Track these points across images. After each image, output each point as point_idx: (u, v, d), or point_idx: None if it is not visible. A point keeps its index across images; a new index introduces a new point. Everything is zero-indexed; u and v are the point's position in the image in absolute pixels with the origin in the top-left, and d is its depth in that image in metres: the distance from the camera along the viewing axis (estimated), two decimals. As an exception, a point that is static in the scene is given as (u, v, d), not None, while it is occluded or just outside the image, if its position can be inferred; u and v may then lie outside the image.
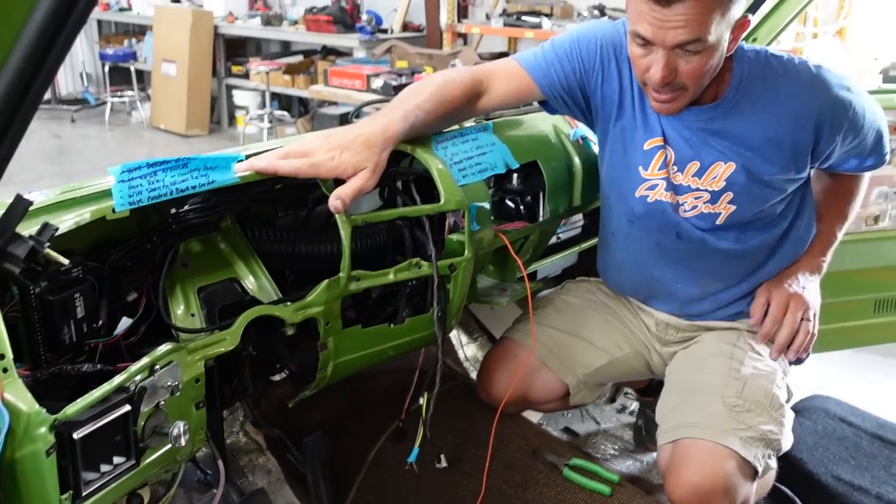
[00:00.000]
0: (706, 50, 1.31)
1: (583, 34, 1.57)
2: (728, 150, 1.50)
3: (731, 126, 1.49)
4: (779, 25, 2.10)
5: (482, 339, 2.24)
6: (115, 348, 1.18)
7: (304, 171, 1.24)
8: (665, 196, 1.57)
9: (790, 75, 1.46)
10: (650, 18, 1.28)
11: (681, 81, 1.36)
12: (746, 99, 1.47)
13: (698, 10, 1.25)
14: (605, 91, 1.56)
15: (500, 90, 1.55)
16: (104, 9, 8.31)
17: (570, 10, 5.72)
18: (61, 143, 7.09)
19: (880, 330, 2.45)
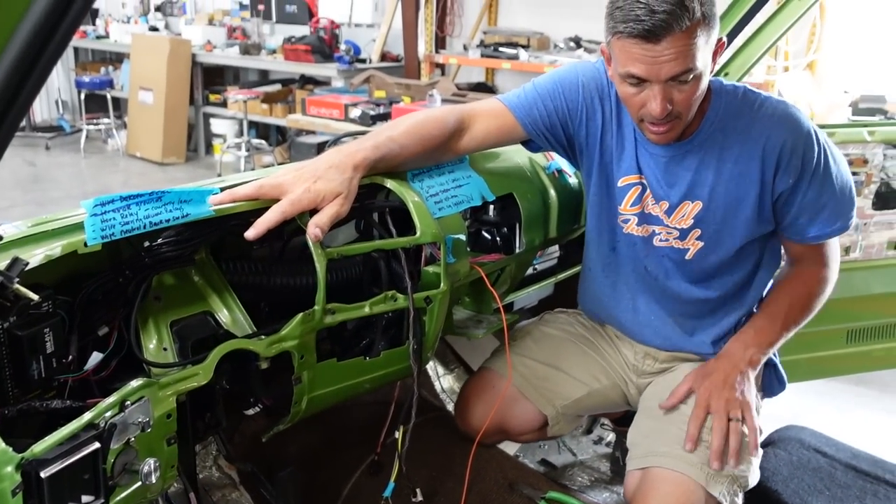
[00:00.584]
0: (696, 77, 1.34)
1: (564, 75, 1.60)
2: (697, 188, 1.51)
3: (703, 161, 1.50)
4: (750, 59, 2.14)
5: (459, 371, 2.23)
6: (85, 383, 1.16)
7: (289, 213, 1.24)
8: (636, 230, 1.59)
9: (764, 111, 1.47)
10: (642, 57, 1.31)
11: (676, 111, 1.38)
12: (721, 134, 1.49)
13: (686, 42, 1.29)
14: (588, 129, 1.58)
15: (482, 129, 1.56)
16: (81, 36, 8.28)
17: (547, 41, 5.80)
18: (35, 171, 7.02)
19: (853, 360, 2.48)
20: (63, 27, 0.67)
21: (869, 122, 2.53)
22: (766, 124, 1.46)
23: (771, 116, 1.47)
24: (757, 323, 1.61)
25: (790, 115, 1.47)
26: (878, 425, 3.10)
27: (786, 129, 1.45)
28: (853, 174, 2.25)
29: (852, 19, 4.60)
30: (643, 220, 1.58)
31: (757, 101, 1.49)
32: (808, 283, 1.61)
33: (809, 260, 1.61)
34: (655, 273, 1.62)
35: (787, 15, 2.09)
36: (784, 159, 1.45)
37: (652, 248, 1.60)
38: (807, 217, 1.52)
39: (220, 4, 7.98)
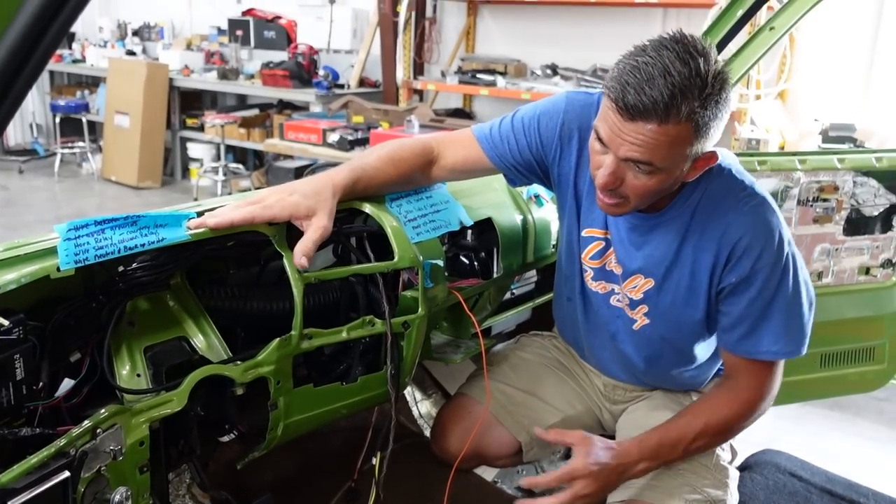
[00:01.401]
0: (656, 173, 1.25)
1: (548, 108, 1.52)
2: (653, 265, 1.45)
3: (665, 240, 1.43)
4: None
5: (437, 396, 2.22)
6: (56, 411, 1.14)
7: (259, 215, 1.24)
8: (593, 285, 1.56)
9: (739, 203, 1.36)
10: (611, 123, 1.23)
11: (625, 192, 1.30)
12: (690, 216, 1.40)
13: (656, 137, 1.19)
14: (561, 168, 1.52)
15: (451, 159, 1.54)
16: (57, 60, 8.24)
17: (524, 68, 5.86)
18: (8, 195, 6.93)
19: (827, 384, 2.50)
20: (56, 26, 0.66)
21: (839, 150, 2.58)
22: (733, 216, 1.36)
23: (741, 209, 1.36)
24: (665, 437, 1.44)
25: (762, 215, 1.35)
26: (853, 449, 3.12)
27: (748, 226, 1.34)
28: (823, 200, 2.31)
29: (822, 49, 4.70)
30: (601, 275, 1.54)
31: (739, 191, 1.38)
32: (733, 407, 1.45)
33: (743, 378, 1.45)
34: (609, 329, 1.59)
35: (759, 45, 2.13)
36: (735, 255, 1.35)
37: (607, 307, 1.56)
38: (745, 328, 1.39)
39: (198, 29, 7.99)
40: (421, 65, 6.38)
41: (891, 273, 2.44)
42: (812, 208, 2.31)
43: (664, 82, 1.15)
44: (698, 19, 4.79)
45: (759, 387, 1.44)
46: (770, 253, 1.34)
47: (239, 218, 1.21)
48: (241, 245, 1.33)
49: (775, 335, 1.38)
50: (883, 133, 4.23)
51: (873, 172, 2.33)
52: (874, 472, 2.85)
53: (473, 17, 6.26)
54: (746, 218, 1.35)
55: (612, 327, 1.58)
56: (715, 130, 1.23)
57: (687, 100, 1.16)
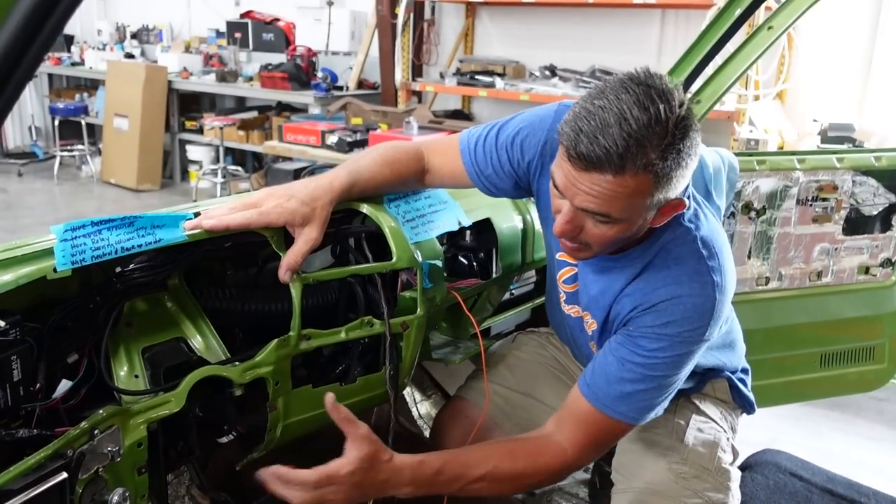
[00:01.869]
0: (615, 223, 1.18)
1: (534, 122, 1.46)
2: (595, 308, 1.41)
3: (613, 287, 1.36)
4: (721, 88, 2.17)
5: (436, 397, 2.22)
6: (54, 412, 1.14)
7: (255, 221, 1.24)
8: (566, 308, 1.54)
9: (688, 271, 1.28)
10: (567, 173, 1.16)
11: (585, 239, 1.23)
12: (644, 267, 1.32)
13: (612, 188, 1.12)
14: (541, 184, 1.46)
15: (438, 171, 1.53)
16: (55, 63, 8.25)
17: (523, 70, 5.86)
18: (7, 198, 6.93)
19: (827, 383, 2.50)
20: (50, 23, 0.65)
21: (839, 150, 2.58)
22: (675, 280, 1.28)
23: (684, 276, 1.28)
24: (447, 467, 1.28)
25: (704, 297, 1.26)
26: (853, 449, 3.12)
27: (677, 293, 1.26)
28: (823, 200, 2.31)
29: (820, 49, 4.70)
30: (572, 299, 1.52)
31: (693, 256, 1.29)
32: (540, 458, 1.33)
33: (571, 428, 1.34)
34: (586, 349, 1.56)
35: (757, 44, 2.13)
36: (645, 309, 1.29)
37: (581, 331, 1.52)
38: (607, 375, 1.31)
39: (196, 32, 7.99)
40: (419, 66, 6.38)
41: (890, 272, 2.44)
42: (811, 208, 2.31)
43: (619, 131, 1.08)
44: (697, 20, 4.80)
45: (583, 446, 1.34)
46: (679, 328, 1.26)
47: (235, 223, 1.21)
48: (238, 246, 1.33)
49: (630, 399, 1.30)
50: (882, 133, 4.23)
51: (872, 172, 2.33)
52: (874, 472, 2.86)
53: (472, 18, 6.26)
54: (681, 288, 1.27)
55: (586, 350, 1.56)
56: (679, 179, 1.15)
57: (644, 150, 1.08)
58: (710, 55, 2.07)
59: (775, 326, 2.37)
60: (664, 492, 1.46)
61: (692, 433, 1.56)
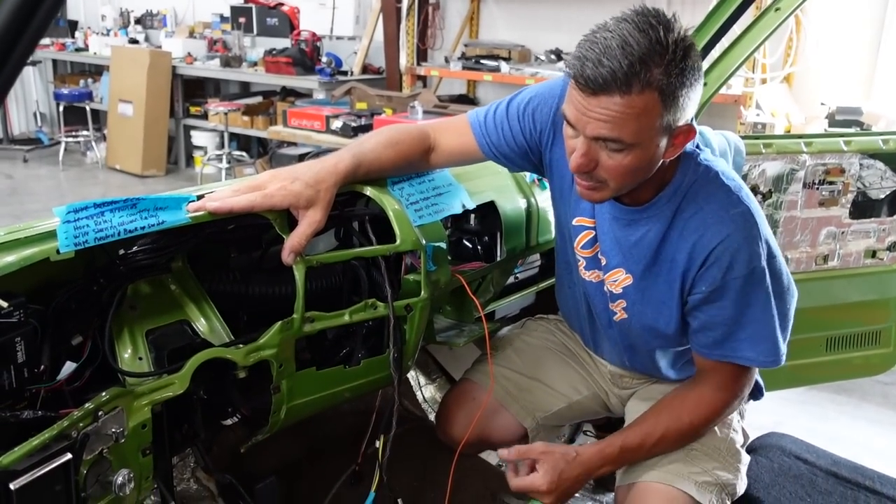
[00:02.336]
0: (628, 150, 1.20)
1: (540, 92, 1.50)
2: (632, 262, 1.43)
3: (646, 237, 1.39)
4: (728, 70, 2.15)
5: (441, 381, 2.22)
6: (58, 394, 1.14)
7: (259, 204, 1.23)
8: (585, 274, 1.54)
9: (719, 203, 1.33)
10: (576, 103, 1.19)
11: (601, 175, 1.25)
12: (672, 213, 1.36)
13: (622, 110, 1.15)
14: (553, 154, 1.50)
15: (447, 147, 1.53)
16: (60, 48, 8.25)
17: (528, 54, 5.83)
18: (13, 184, 6.95)
19: (832, 367, 2.49)
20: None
21: (846, 133, 2.56)
22: (713, 222, 1.32)
23: (722, 217, 1.32)
24: (627, 440, 1.46)
25: (742, 225, 1.31)
26: (859, 433, 3.12)
27: (725, 235, 1.30)
28: (829, 183, 2.30)
29: (829, 32, 4.66)
30: (593, 265, 1.52)
31: (724, 197, 1.34)
32: (699, 410, 1.45)
33: (713, 379, 1.43)
34: (600, 316, 1.58)
35: (765, 26, 2.10)
36: (707, 263, 1.32)
37: (601, 294, 1.53)
38: (718, 335, 1.37)
39: (200, 17, 7.97)
40: (424, 51, 6.36)
41: (897, 256, 2.43)
42: (818, 191, 2.29)
43: (622, 52, 1.12)
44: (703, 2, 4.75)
45: (729, 389, 1.43)
46: (743, 265, 1.30)
47: (239, 206, 1.20)
48: (242, 228, 1.33)
49: (751, 342, 1.35)
50: (890, 116, 4.20)
51: (880, 155, 2.31)
52: (879, 456, 2.86)
53: (477, 2, 6.23)
54: (725, 227, 1.31)
55: (605, 317, 1.57)
56: (686, 101, 1.18)
57: (647, 67, 1.12)
58: (716, 37, 2.05)
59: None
60: (673, 468, 1.46)
61: None
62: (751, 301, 1.33)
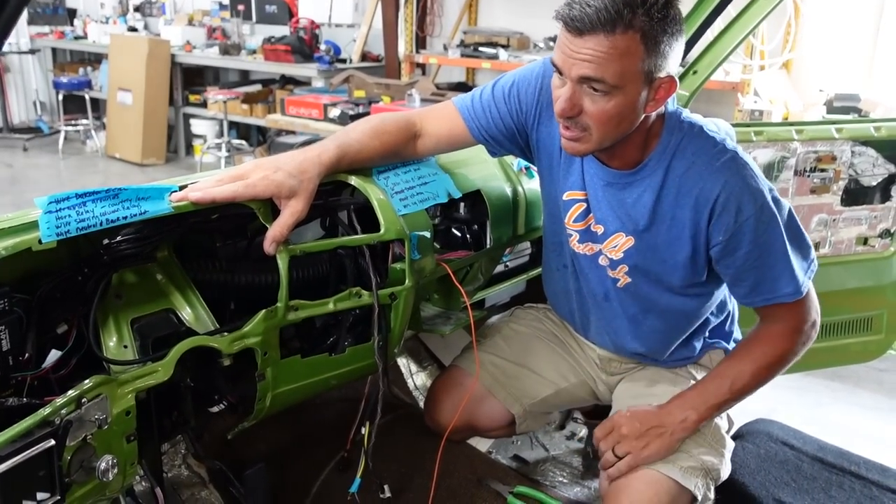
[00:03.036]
0: (613, 94, 1.25)
1: (525, 74, 1.55)
2: (630, 223, 1.46)
3: (641, 198, 1.43)
4: (718, 57, 2.15)
5: (432, 368, 2.24)
6: (46, 382, 1.16)
7: (241, 193, 1.24)
8: (579, 248, 1.56)
9: (710, 156, 1.38)
10: (563, 47, 1.26)
11: (584, 121, 1.30)
12: (664, 172, 1.41)
13: (606, 50, 1.21)
14: (540, 133, 1.54)
15: (434, 134, 1.55)
16: (59, 37, 8.24)
17: (527, 41, 5.81)
18: (13, 172, 6.96)
19: (824, 354, 2.50)
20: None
21: (838, 120, 2.56)
22: (707, 174, 1.37)
23: (714, 166, 1.37)
24: (707, 385, 1.52)
25: (735, 169, 1.36)
26: (854, 419, 3.13)
27: (723, 182, 1.35)
28: (821, 171, 2.30)
29: (827, 18, 4.64)
30: (586, 237, 1.54)
31: (710, 147, 1.39)
32: (774, 346, 1.49)
33: (776, 318, 1.48)
34: (595, 292, 1.59)
35: (756, 11, 2.10)
36: (716, 213, 1.37)
37: (595, 268, 1.56)
38: (750, 282, 1.43)
39: (199, 5, 7.95)
40: (423, 38, 6.34)
41: (889, 243, 2.43)
42: (809, 179, 2.30)
43: None
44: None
45: (796, 321, 1.47)
46: (750, 205, 1.35)
47: (221, 196, 1.22)
48: (226, 218, 1.34)
49: (788, 275, 1.41)
50: (888, 103, 4.19)
51: (872, 142, 2.31)
52: (874, 441, 2.88)
53: (475, -11, 6.21)
54: (720, 175, 1.36)
55: (601, 289, 1.58)
56: (667, 49, 1.25)
57: (631, 9, 1.19)
58: (706, 23, 2.05)
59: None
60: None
61: None
62: (770, 238, 1.38)
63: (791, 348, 1.49)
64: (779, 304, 1.44)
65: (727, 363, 1.53)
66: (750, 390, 1.51)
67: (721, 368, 1.53)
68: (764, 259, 1.39)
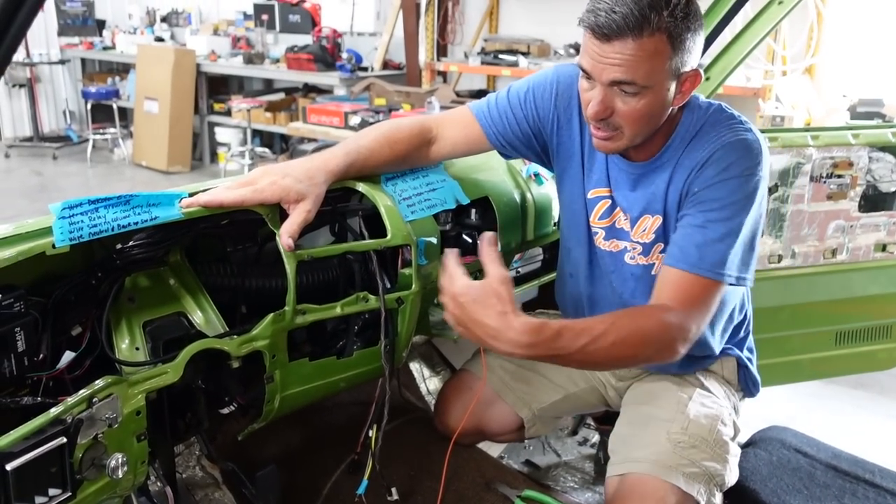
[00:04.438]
0: (643, 94, 1.29)
1: (539, 80, 1.57)
2: (656, 202, 1.47)
3: (663, 177, 1.45)
4: (731, 64, 2.16)
5: (445, 373, 2.25)
6: (60, 382, 1.19)
7: (249, 198, 1.28)
8: (605, 245, 1.57)
9: (722, 130, 1.39)
10: (591, 52, 1.28)
11: (616, 122, 1.33)
12: (682, 150, 1.43)
13: (635, 52, 1.24)
14: (560, 137, 1.56)
15: (451, 138, 1.58)
16: (88, 47, 8.40)
17: (547, 48, 5.83)
18: (42, 181, 7.10)
19: (842, 361, 2.48)
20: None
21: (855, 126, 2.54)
22: (714, 136, 1.39)
23: (722, 132, 1.39)
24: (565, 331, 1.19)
25: (742, 137, 1.37)
26: (876, 428, 3.10)
27: (724, 145, 1.37)
28: (838, 177, 2.29)
29: (851, 22, 4.60)
30: (611, 234, 1.55)
31: (727, 120, 1.41)
32: (650, 317, 1.30)
33: (672, 292, 1.34)
34: (621, 290, 1.58)
35: (767, 20, 2.10)
36: (707, 164, 1.37)
37: (621, 265, 1.56)
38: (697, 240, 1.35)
39: (224, 14, 8.07)
40: (444, 46, 6.39)
41: (908, 249, 2.41)
42: (825, 185, 2.28)
43: (632, 0, 1.22)
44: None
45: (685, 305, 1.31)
46: (738, 168, 1.35)
47: (229, 200, 1.25)
48: (236, 223, 1.37)
49: (732, 255, 1.34)
50: (912, 108, 4.14)
51: (890, 147, 2.30)
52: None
53: (496, -3, 6.24)
54: (726, 136, 1.38)
55: (625, 288, 1.57)
56: (691, 44, 1.29)
57: (655, 11, 1.22)
58: (716, 30, 2.05)
59: (789, 304, 2.35)
60: (661, 460, 1.48)
61: (694, 406, 1.57)
62: (735, 213, 1.34)
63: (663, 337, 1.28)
64: (694, 279, 1.33)
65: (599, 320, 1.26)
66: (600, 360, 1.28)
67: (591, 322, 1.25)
68: (726, 228, 1.34)
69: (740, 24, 2.29)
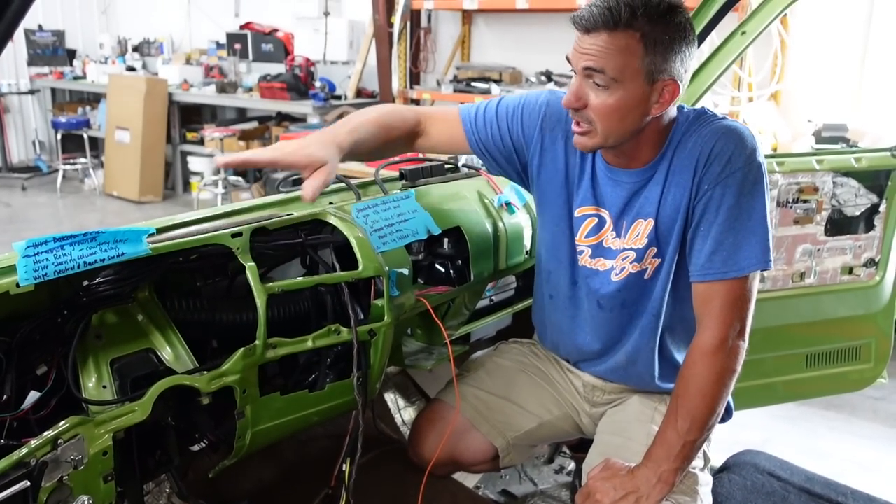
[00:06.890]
0: (614, 88, 1.35)
1: (531, 100, 1.62)
2: (647, 206, 1.50)
3: (657, 185, 1.49)
4: (696, 93, 2.19)
5: (420, 403, 2.24)
6: (25, 422, 1.17)
7: (280, 161, 1.35)
8: (590, 262, 1.58)
9: (711, 126, 1.44)
10: (576, 44, 1.38)
11: (589, 115, 1.39)
12: (672, 153, 1.47)
13: (607, 44, 1.33)
14: (543, 158, 1.59)
15: (436, 136, 1.62)
16: (58, 77, 8.34)
17: (519, 76, 5.89)
18: (11, 212, 7.01)
19: (813, 384, 2.50)
20: None
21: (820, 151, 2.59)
22: (707, 136, 1.43)
23: (714, 129, 1.43)
24: (666, 435, 1.44)
25: (734, 128, 1.42)
26: (849, 448, 3.12)
27: (719, 137, 1.41)
28: (804, 202, 2.32)
29: (813, 49, 4.70)
30: (598, 252, 1.57)
31: (710, 118, 1.46)
32: (708, 365, 1.43)
33: (711, 319, 1.43)
34: (608, 307, 1.59)
35: (730, 50, 2.15)
36: (709, 161, 1.41)
37: (607, 283, 1.57)
38: (713, 243, 1.42)
39: (197, 44, 8.06)
40: (417, 74, 6.42)
41: (874, 272, 2.45)
42: (792, 209, 2.32)
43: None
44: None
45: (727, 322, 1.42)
46: (741, 157, 1.40)
47: (257, 158, 1.35)
48: (206, 257, 1.36)
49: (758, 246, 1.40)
50: (875, 132, 4.22)
51: (853, 173, 2.34)
52: (869, 470, 2.87)
53: (468, 25, 6.29)
54: (719, 133, 1.42)
55: (614, 303, 1.58)
56: (670, 53, 1.35)
57: (632, 11, 1.32)
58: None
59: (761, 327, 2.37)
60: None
61: None
62: (753, 196, 1.40)
63: (723, 361, 1.42)
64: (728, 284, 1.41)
65: (674, 405, 1.45)
66: (712, 417, 1.45)
67: (671, 413, 1.45)
68: (743, 222, 1.40)
69: (707, 51, 2.33)
